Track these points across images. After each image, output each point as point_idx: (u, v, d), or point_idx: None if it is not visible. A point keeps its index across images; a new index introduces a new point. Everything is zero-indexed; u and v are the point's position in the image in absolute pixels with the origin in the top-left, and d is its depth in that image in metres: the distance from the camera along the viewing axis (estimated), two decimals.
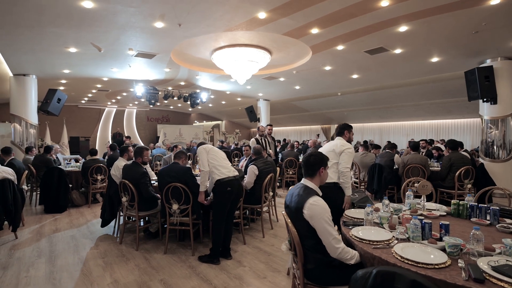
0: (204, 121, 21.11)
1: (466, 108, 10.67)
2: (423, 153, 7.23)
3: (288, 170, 7.07)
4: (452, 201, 2.44)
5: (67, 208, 5.13)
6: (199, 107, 16.20)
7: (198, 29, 4.74)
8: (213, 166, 3.05)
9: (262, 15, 4.31)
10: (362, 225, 2.15)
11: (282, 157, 7.36)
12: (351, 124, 3.20)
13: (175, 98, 10.26)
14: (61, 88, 8.68)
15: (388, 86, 9.85)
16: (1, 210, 3.47)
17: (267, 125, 6.26)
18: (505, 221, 2.20)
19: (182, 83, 9.31)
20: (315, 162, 1.94)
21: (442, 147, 7.85)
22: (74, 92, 9.80)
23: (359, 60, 6.78)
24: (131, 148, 3.86)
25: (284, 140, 14.88)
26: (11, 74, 6.47)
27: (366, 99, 12.00)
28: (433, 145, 8.22)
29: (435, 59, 6.68)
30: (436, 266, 1.48)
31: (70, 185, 5.32)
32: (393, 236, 1.90)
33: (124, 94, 10.75)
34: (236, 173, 3.16)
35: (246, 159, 5.12)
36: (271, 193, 4.11)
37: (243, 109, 12.47)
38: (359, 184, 6.13)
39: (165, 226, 3.43)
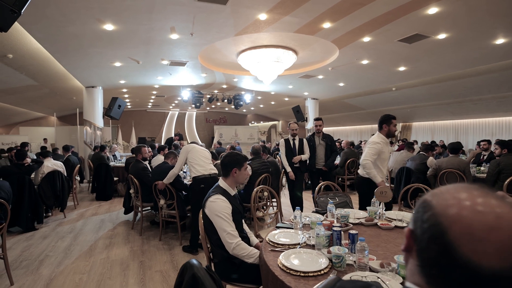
0: (261, 122, 21.67)
1: None
2: (485, 156, 6.03)
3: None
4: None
5: (113, 197, 6.15)
6: (252, 108, 16.77)
7: (210, 36, 5.08)
8: (191, 164, 3.31)
9: (262, 16, 4.36)
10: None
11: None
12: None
13: (224, 101, 10.93)
14: (126, 95, 10.29)
15: (450, 77, 8.44)
16: (52, 194, 4.47)
17: (314, 120, 4.75)
18: None
19: (225, 86, 9.89)
20: (229, 163, 1.99)
21: None
22: (138, 99, 11.47)
23: (397, 51, 6.09)
24: (144, 148, 4.43)
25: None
26: (83, 87, 8.09)
27: (428, 93, 10.49)
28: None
29: (500, 41, 5.48)
30: (302, 274, 1.41)
31: (117, 178, 6.34)
32: (304, 242, 1.81)
33: (179, 98, 12.01)
34: (214, 171, 3.34)
35: None
36: (265, 193, 4.13)
37: None
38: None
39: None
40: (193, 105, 9.89)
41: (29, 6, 3.60)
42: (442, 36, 5.19)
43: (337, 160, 6.98)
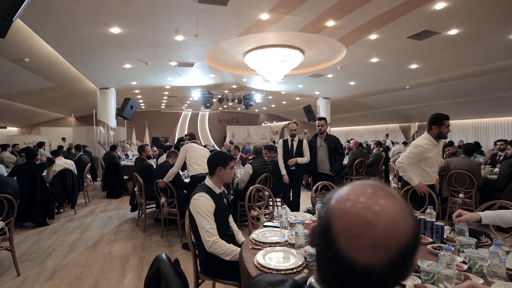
0: (274, 121, 21.61)
1: None
2: (501, 157, 5.74)
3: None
4: None
5: (122, 195, 6.34)
6: (264, 108, 16.77)
7: (215, 37, 5.14)
8: (189, 163, 3.38)
9: (264, 16, 4.37)
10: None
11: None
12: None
13: (234, 101, 11.02)
14: (138, 96, 10.58)
15: (468, 74, 8.09)
16: (63, 191, 4.68)
17: (317, 119, 4.41)
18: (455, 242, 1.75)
19: (234, 86, 9.96)
20: (213, 162, 2.03)
21: None
22: (151, 99, 11.77)
23: (407, 48, 5.92)
24: (147, 147, 4.55)
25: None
26: (97, 88, 8.42)
27: (445, 91, 10.10)
28: None
29: None
30: (275, 272, 1.42)
31: (126, 177, 6.54)
32: (286, 240, 1.81)
33: (191, 99, 12.21)
34: None
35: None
36: (266, 193, 4.13)
37: None
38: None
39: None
40: (204, 106, 10.03)
41: (38, 12, 3.80)
42: (453, 32, 5.00)
43: (345, 160, 6.86)
